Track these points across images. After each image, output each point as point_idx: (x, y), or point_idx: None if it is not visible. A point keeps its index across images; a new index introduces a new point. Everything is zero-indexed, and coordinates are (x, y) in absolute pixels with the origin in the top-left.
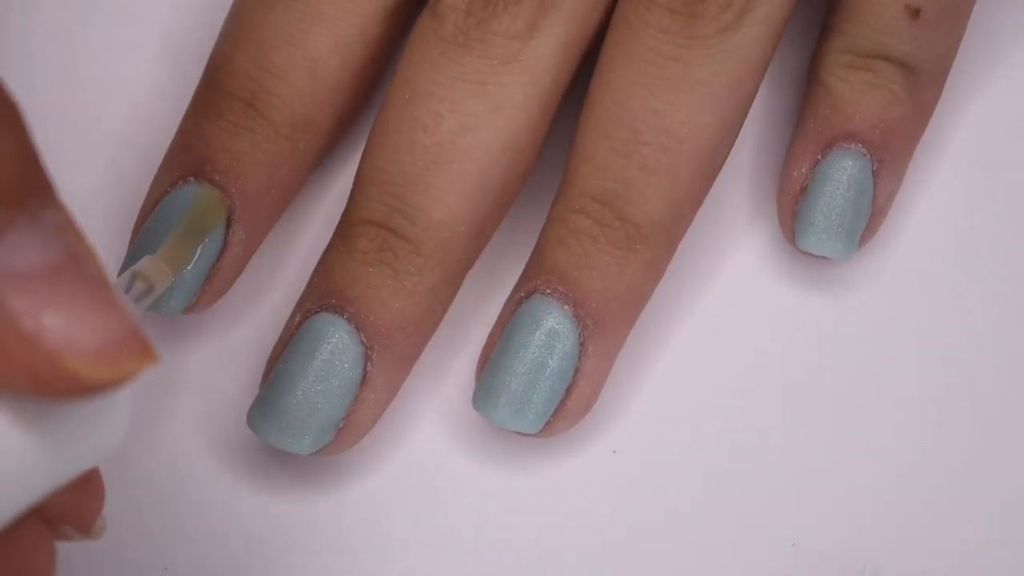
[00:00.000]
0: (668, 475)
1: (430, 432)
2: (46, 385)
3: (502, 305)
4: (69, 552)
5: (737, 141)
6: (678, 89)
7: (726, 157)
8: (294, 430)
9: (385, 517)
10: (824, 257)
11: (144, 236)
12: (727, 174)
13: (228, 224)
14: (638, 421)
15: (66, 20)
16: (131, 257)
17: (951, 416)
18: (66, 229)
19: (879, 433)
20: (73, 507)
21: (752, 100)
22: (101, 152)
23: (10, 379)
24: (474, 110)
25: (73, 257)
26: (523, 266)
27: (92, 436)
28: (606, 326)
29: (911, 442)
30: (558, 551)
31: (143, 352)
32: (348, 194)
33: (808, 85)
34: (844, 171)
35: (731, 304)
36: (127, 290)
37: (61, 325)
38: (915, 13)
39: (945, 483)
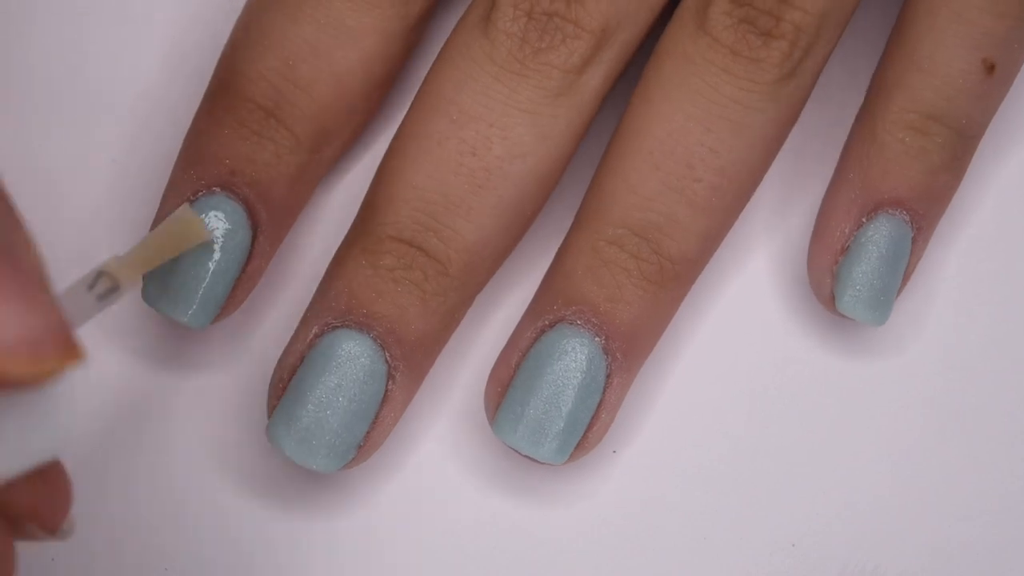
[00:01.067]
0: (668, 475)
1: (426, 435)
2: None
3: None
4: (69, 552)
5: None
6: (735, 130)
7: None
8: (321, 450)
9: (384, 519)
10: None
11: None
12: None
13: (254, 235)
14: (639, 421)
15: (68, 21)
16: (154, 269)
17: (951, 417)
18: (2, 218)
19: (879, 434)
20: (37, 505)
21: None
22: (102, 152)
23: None
24: (523, 138)
25: (5, 246)
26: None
27: (34, 429)
28: (631, 358)
29: (911, 443)
30: (558, 551)
31: (67, 350)
32: (349, 201)
33: (858, 137)
34: (889, 238)
35: (732, 306)
36: (91, 287)
37: None
38: (991, 68)
39: (945, 484)
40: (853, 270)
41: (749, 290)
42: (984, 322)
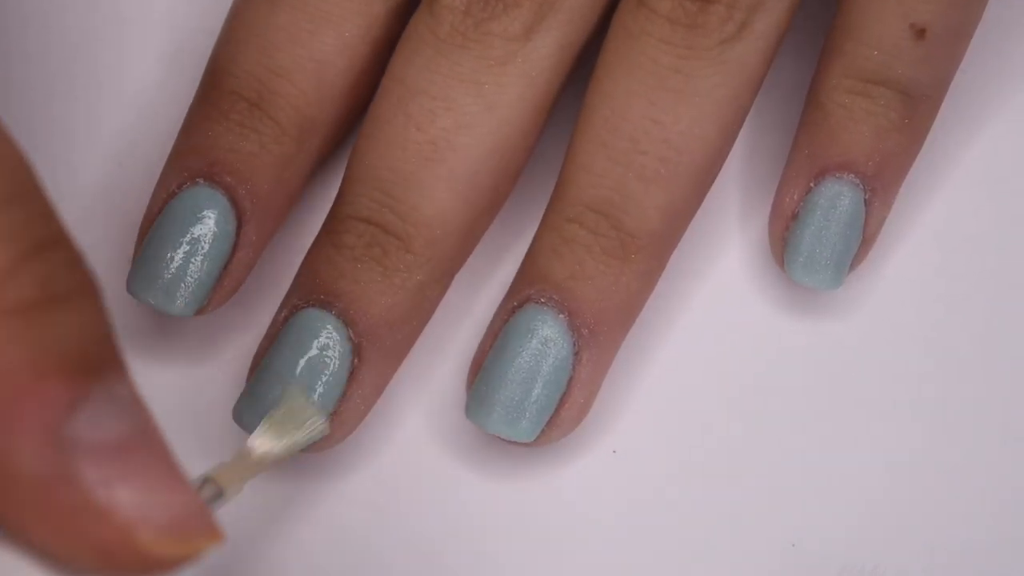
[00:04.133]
0: (668, 475)
1: (422, 434)
2: (115, 561)
3: (487, 308)
4: None
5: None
6: (678, 100)
7: (720, 167)
8: None
9: (377, 516)
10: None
11: (152, 239)
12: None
13: (239, 226)
14: (638, 421)
15: (66, 19)
16: (140, 260)
17: (950, 416)
18: (137, 404)
19: (879, 433)
20: None
21: (747, 113)
22: (101, 152)
23: (79, 554)
24: (469, 109)
25: (144, 432)
26: (508, 269)
27: None
28: (600, 335)
29: (911, 442)
30: (557, 551)
31: (211, 531)
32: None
33: (806, 106)
34: (836, 202)
35: (732, 304)
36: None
37: (133, 499)
38: (920, 33)
39: (945, 483)
40: (800, 235)
41: (752, 288)
42: (984, 320)
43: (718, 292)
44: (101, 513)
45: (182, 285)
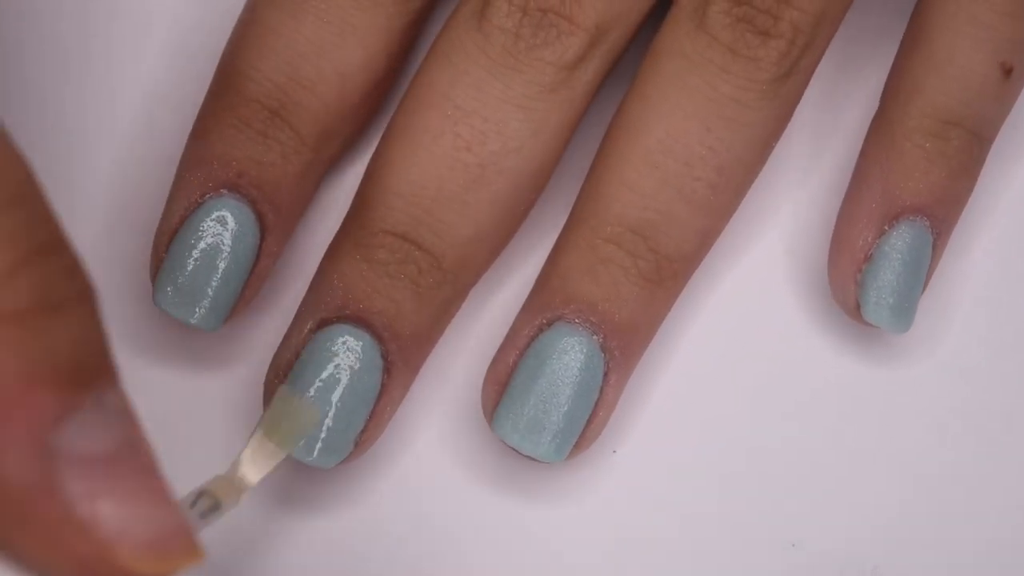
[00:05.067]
0: (668, 475)
1: (422, 431)
2: (92, 574)
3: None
4: None
5: None
6: (730, 128)
7: None
8: (318, 445)
9: (381, 515)
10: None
11: (180, 250)
12: None
13: (262, 236)
14: (638, 421)
15: (73, 22)
16: (168, 273)
17: (951, 417)
18: (126, 415)
19: (879, 433)
20: None
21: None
22: (103, 152)
23: (59, 566)
24: (517, 133)
25: (131, 445)
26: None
27: None
28: (628, 356)
29: (910, 442)
30: (557, 551)
31: (191, 549)
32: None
33: (876, 140)
34: (912, 246)
35: (733, 304)
36: (192, 505)
37: (115, 514)
38: (1008, 72)
39: (945, 484)
40: (878, 278)
41: (749, 289)
42: (985, 326)
43: (719, 294)
44: (82, 526)
45: (214, 300)
